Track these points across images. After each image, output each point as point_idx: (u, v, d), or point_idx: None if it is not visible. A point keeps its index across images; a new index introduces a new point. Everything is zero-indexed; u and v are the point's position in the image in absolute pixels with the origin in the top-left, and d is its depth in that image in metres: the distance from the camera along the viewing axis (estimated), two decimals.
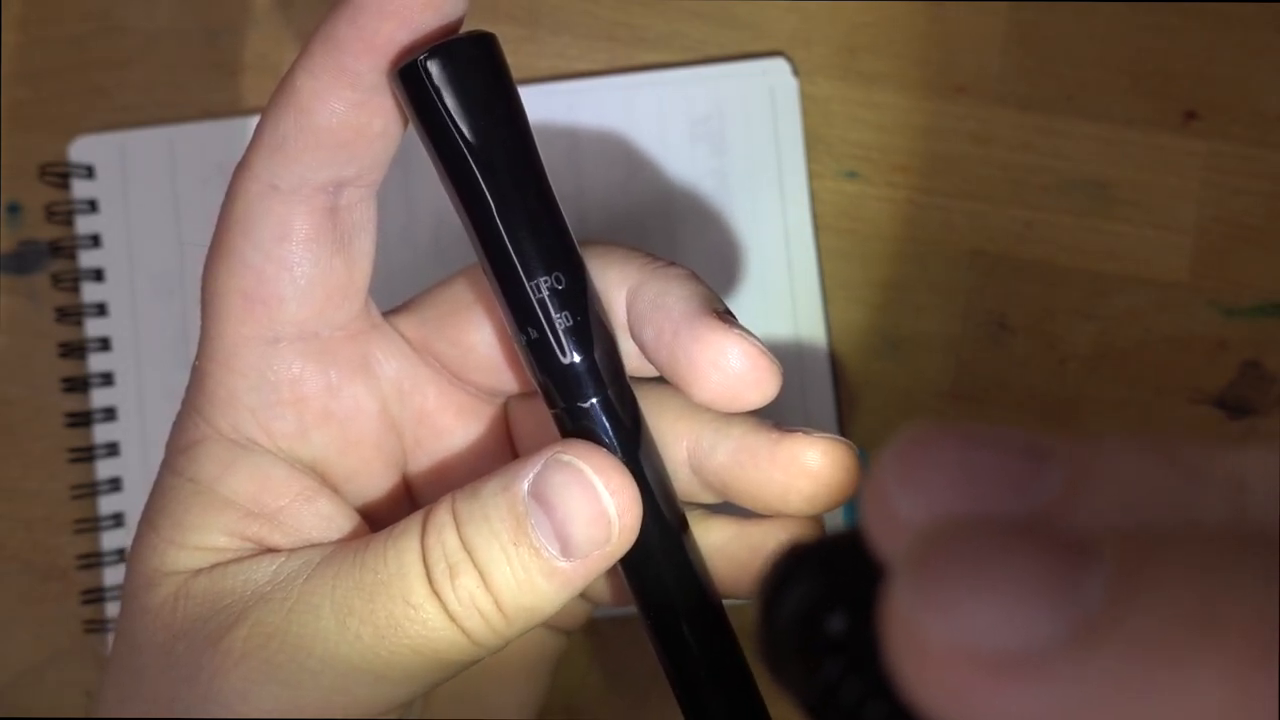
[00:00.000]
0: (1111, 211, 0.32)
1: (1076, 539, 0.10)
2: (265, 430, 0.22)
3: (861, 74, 0.33)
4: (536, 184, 0.21)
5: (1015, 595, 0.10)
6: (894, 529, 0.12)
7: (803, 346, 0.32)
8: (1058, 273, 0.32)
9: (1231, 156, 0.32)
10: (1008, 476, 0.11)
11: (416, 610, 0.20)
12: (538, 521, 0.20)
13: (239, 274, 0.21)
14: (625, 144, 0.33)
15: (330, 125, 0.20)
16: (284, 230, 0.21)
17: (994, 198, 0.32)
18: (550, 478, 0.20)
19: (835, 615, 0.13)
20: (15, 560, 0.33)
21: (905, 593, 0.10)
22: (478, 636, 0.20)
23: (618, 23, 0.33)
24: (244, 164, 0.21)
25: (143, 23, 0.34)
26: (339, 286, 0.22)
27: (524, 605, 0.20)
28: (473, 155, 0.20)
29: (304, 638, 0.20)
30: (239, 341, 0.21)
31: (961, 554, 0.10)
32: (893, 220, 0.33)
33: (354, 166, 0.21)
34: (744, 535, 0.23)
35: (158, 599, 0.21)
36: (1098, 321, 0.32)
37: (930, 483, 0.11)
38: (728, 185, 0.32)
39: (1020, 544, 0.10)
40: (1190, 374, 0.32)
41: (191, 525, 0.21)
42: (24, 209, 0.33)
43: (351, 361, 0.23)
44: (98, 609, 0.32)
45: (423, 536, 0.20)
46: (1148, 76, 0.32)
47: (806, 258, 0.32)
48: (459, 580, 0.20)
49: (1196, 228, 0.32)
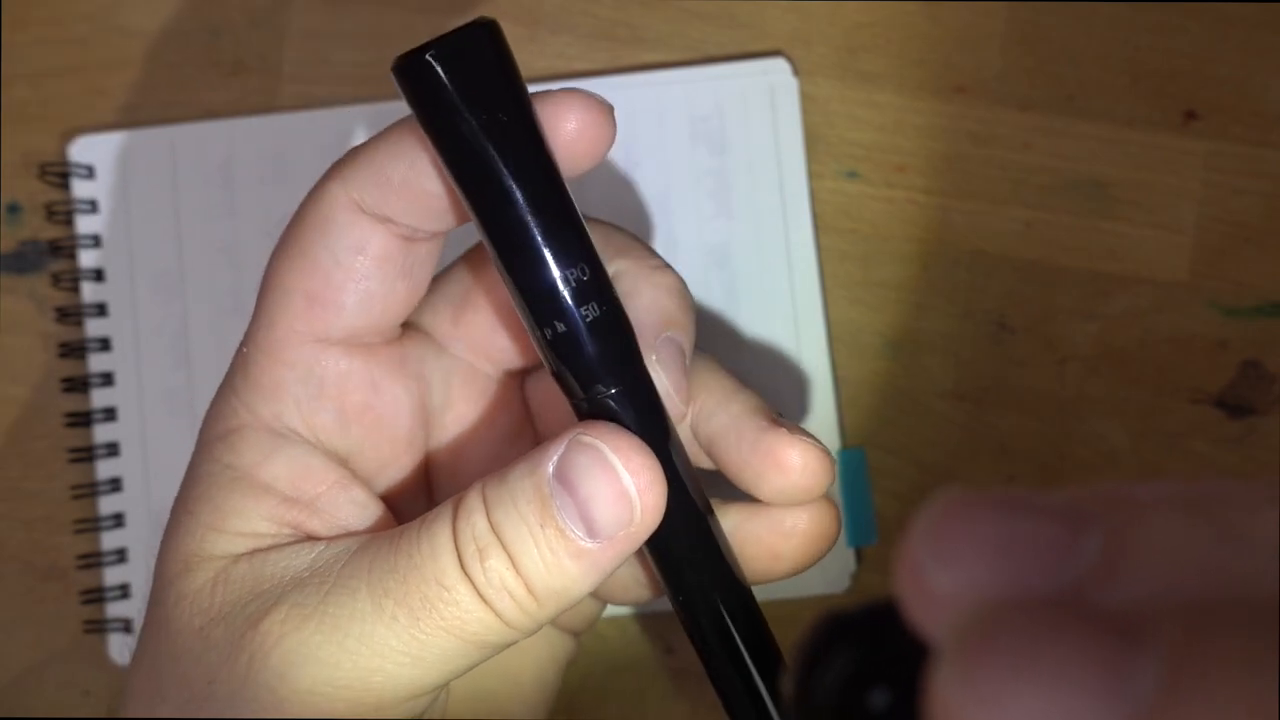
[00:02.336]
0: (1111, 211, 0.32)
1: (1124, 622, 0.10)
2: (307, 422, 0.23)
3: (861, 74, 0.33)
4: (548, 175, 0.20)
5: (1065, 687, 0.10)
6: (930, 603, 0.11)
7: (803, 346, 0.32)
8: (1058, 273, 0.32)
9: (1231, 156, 0.32)
10: (1045, 547, 0.11)
11: (449, 592, 0.20)
12: (562, 504, 0.20)
13: (308, 274, 0.22)
14: (625, 144, 0.33)
15: (433, 192, 0.21)
16: (361, 245, 0.21)
17: (994, 198, 0.32)
18: (573, 460, 0.20)
19: (877, 690, 0.12)
20: (15, 560, 0.33)
21: (950, 680, 0.10)
22: (509, 618, 0.21)
23: (618, 23, 0.33)
24: (339, 178, 0.21)
25: (143, 23, 0.34)
26: (396, 305, 0.23)
27: (553, 587, 0.21)
28: (482, 151, 0.20)
29: (341, 619, 0.20)
30: (291, 336, 0.22)
31: (1008, 642, 0.10)
32: (893, 220, 0.33)
33: (433, 225, 0.22)
34: (753, 520, 0.23)
35: (195, 584, 0.21)
36: (1098, 321, 0.32)
37: (965, 556, 0.11)
38: (728, 185, 0.32)
39: (1068, 630, 0.10)
40: (1190, 374, 0.32)
41: (232, 510, 0.22)
42: (24, 209, 0.33)
43: (391, 361, 0.23)
44: (97, 609, 0.32)
45: (454, 521, 0.21)
46: (1148, 76, 0.32)
47: (806, 258, 0.32)
48: (488, 563, 0.20)
49: (1196, 228, 0.32)
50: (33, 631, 0.32)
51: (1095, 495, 0.12)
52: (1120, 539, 0.11)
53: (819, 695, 0.13)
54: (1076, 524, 0.11)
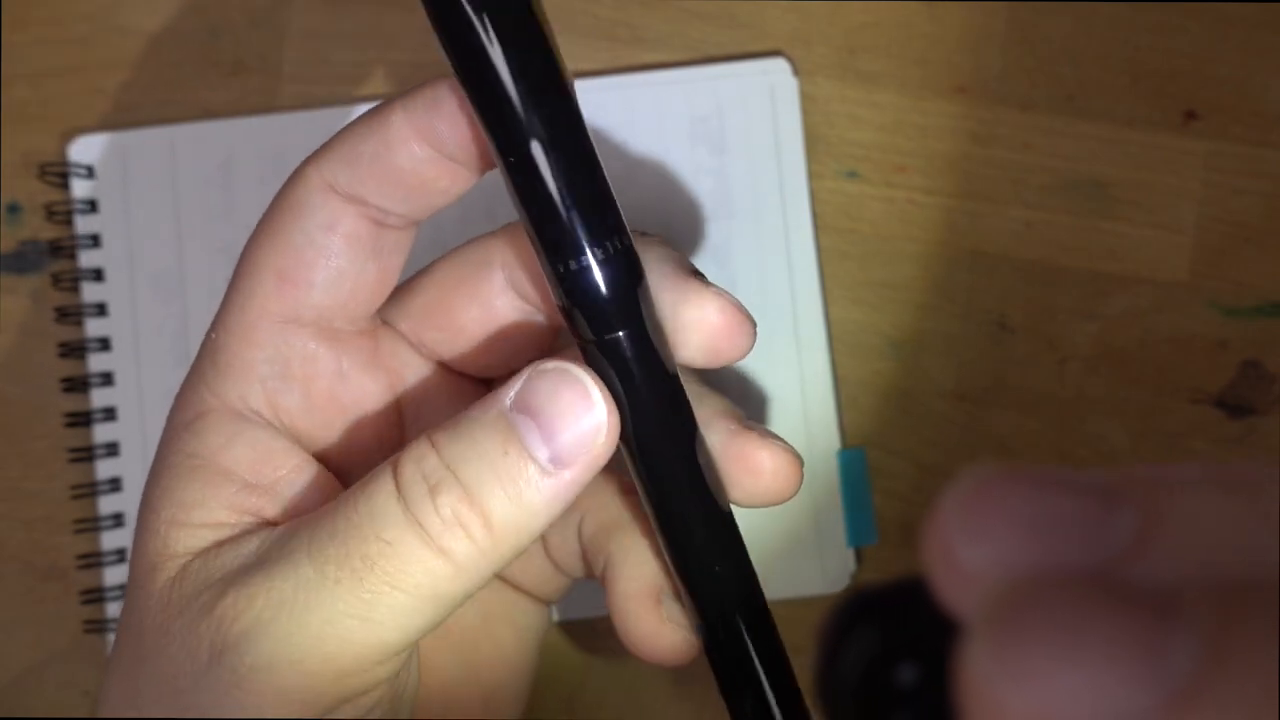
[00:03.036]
0: (1111, 211, 0.32)
1: (1162, 598, 0.10)
2: (271, 403, 0.23)
3: (861, 74, 0.33)
4: (575, 116, 0.20)
5: (1102, 663, 0.09)
6: (960, 579, 0.11)
7: (802, 346, 0.32)
8: (1058, 273, 0.32)
9: (1231, 156, 0.32)
10: (1078, 524, 0.11)
11: (391, 545, 0.20)
12: (526, 429, 0.20)
13: (280, 252, 0.22)
14: (625, 144, 0.33)
15: (404, 168, 0.21)
16: (332, 222, 0.22)
17: (994, 198, 0.32)
18: (534, 386, 0.20)
19: (904, 666, 0.12)
20: (15, 560, 0.33)
21: (982, 657, 0.10)
22: (460, 559, 0.20)
23: (618, 23, 0.33)
24: (315, 161, 0.22)
25: (143, 23, 0.34)
26: (365, 287, 0.23)
27: (512, 519, 0.20)
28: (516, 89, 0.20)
29: (286, 592, 0.20)
30: (261, 316, 0.22)
31: (1042, 617, 0.10)
32: (893, 220, 0.33)
33: (408, 206, 0.22)
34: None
35: (159, 583, 0.21)
36: (1098, 321, 0.32)
37: (996, 532, 0.11)
38: (728, 185, 0.32)
39: (1104, 607, 0.10)
40: (1190, 374, 0.32)
41: (193, 502, 0.22)
42: (24, 209, 0.33)
43: (362, 352, 0.23)
44: (98, 609, 0.32)
45: (396, 473, 0.20)
46: (1148, 76, 0.32)
47: (806, 258, 0.32)
48: (440, 498, 0.20)
49: (1196, 228, 0.32)
50: (33, 631, 0.32)
51: (1127, 474, 0.11)
52: (1154, 516, 0.11)
53: (844, 672, 0.13)
54: (1110, 500, 0.11)
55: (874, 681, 0.12)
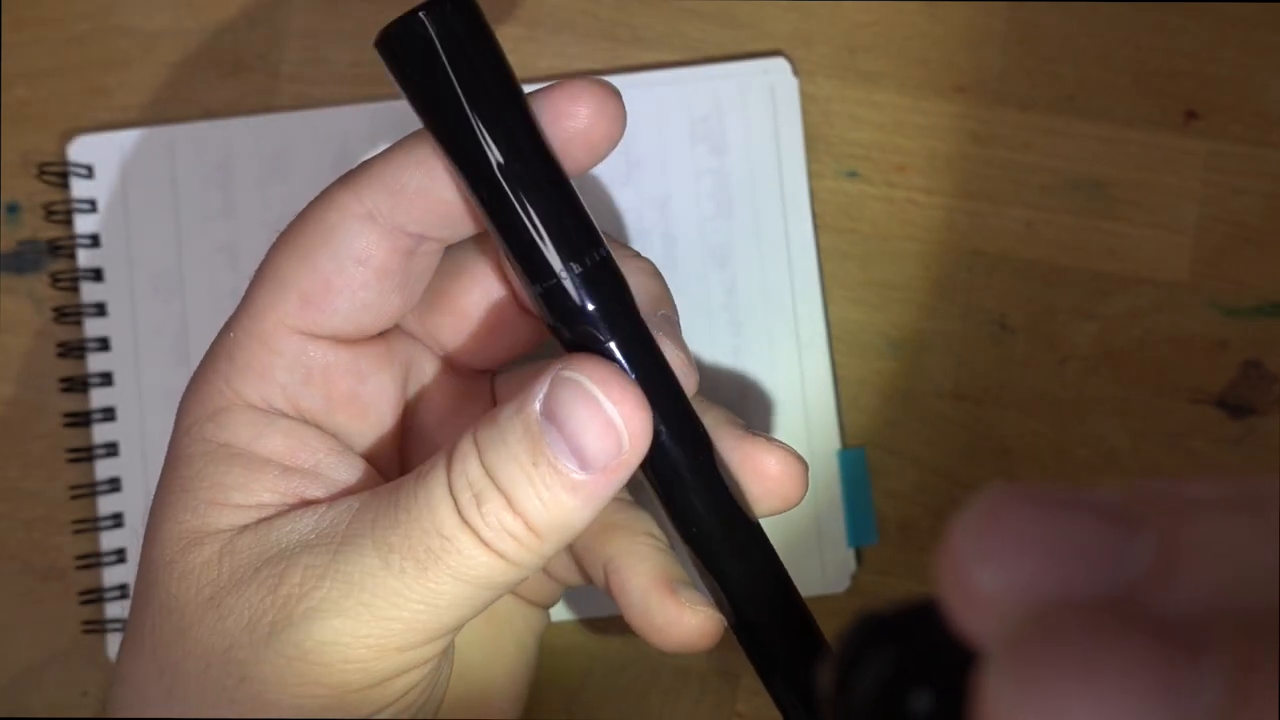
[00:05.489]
0: (1111, 211, 0.32)
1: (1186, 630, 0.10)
2: (294, 406, 0.23)
3: (861, 74, 0.33)
4: (532, 130, 0.21)
5: (1126, 697, 0.09)
6: (974, 602, 0.11)
7: (802, 346, 0.32)
8: (1058, 273, 0.32)
9: (1232, 156, 0.32)
10: (1096, 547, 0.11)
11: (451, 541, 0.21)
12: (552, 440, 0.21)
13: (306, 276, 0.22)
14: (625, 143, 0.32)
15: (445, 199, 0.21)
16: (365, 256, 0.22)
17: (994, 198, 0.32)
18: (558, 395, 0.21)
19: (919, 692, 0.12)
20: (15, 560, 0.33)
21: (1002, 686, 0.10)
22: (513, 558, 0.21)
23: (618, 23, 0.33)
24: (353, 188, 0.22)
25: (143, 23, 0.34)
26: (386, 316, 0.23)
27: (553, 522, 0.21)
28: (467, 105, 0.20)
29: (353, 575, 0.21)
30: (280, 327, 0.22)
31: (1065, 647, 0.09)
32: (893, 220, 0.33)
33: (445, 233, 0.22)
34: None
35: (201, 558, 0.22)
36: (1098, 321, 0.32)
37: (1012, 556, 0.11)
38: (728, 185, 0.32)
39: (1129, 637, 0.09)
40: (1190, 374, 0.32)
41: (234, 485, 0.22)
42: (23, 208, 0.33)
43: (378, 351, 0.24)
44: (97, 609, 0.32)
45: (448, 470, 0.21)
46: (1148, 76, 0.32)
47: (806, 258, 0.32)
48: (485, 507, 0.21)
49: (1196, 228, 0.32)
50: (32, 631, 0.32)
51: (1144, 493, 0.11)
52: (1175, 540, 0.11)
53: (857, 696, 0.12)
54: (1129, 523, 0.11)
55: (888, 706, 0.12)
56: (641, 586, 0.24)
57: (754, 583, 0.23)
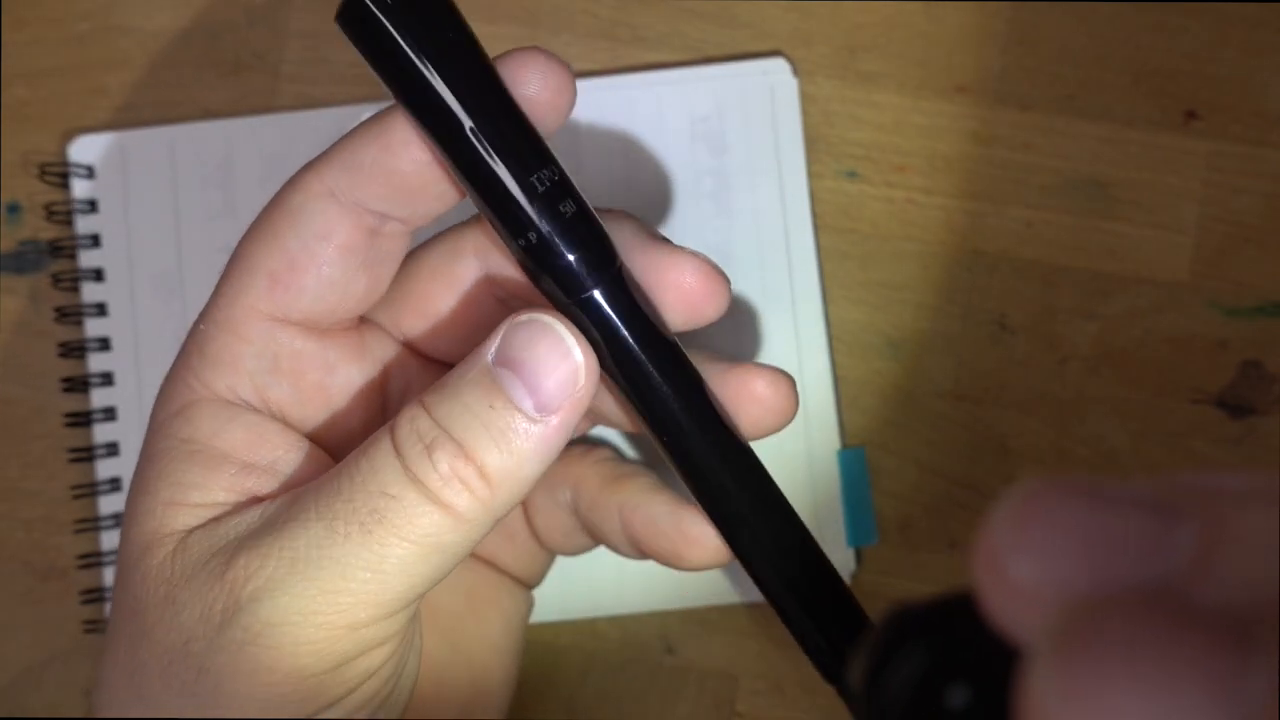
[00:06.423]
0: (1111, 211, 0.32)
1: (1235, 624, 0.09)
2: (261, 396, 0.23)
3: (861, 74, 0.33)
4: (496, 87, 0.21)
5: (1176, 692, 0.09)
6: (1012, 595, 0.11)
7: (802, 346, 0.32)
8: (1058, 273, 0.32)
9: (1232, 156, 0.32)
10: (1135, 540, 0.10)
11: (396, 499, 0.21)
12: (508, 382, 0.21)
13: (275, 255, 0.22)
14: (625, 144, 0.33)
15: (405, 171, 0.21)
16: (328, 231, 0.22)
17: (994, 198, 0.32)
18: (512, 339, 0.21)
19: (956, 687, 0.12)
20: (15, 560, 0.33)
21: (1048, 681, 0.10)
22: (463, 510, 0.21)
23: (618, 22, 0.33)
24: (315, 168, 0.22)
25: (143, 23, 0.34)
26: (354, 295, 0.23)
27: (507, 468, 0.21)
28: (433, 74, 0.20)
29: (298, 549, 0.21)
30: (250, 313, 0.22)
31: (1112, 641, 0.09)
32: (893, 220, 0.33)
33: (407, 210, 0.22)
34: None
35: (156, 560, 0.22)
36: (1098, 321, 0.32)
37: (1050, 548, 0.11)
38: (728, 185, 0.32)
39: (1176, 630, 0.09)
40: (1190, 374, 0.32)
41: (191, 484, 0.22)
42: (24, 209, 0.33)
43: (349, 344, 0.24)
44: (97, 609, 0.32)
45: (393, 433, 0.21)
46: (1148, 76, 0.32)
47: (806, 258, 0.32)
48: (437, 454, 0.21)
49: (1196, 228, 0.32)
50: (33, 631, 0.32)
51: (1182, 485, 0.11)
52: (1215, 532, 0.10)
53: (892, 691, 0.12)
54: (1168, 515, 0.11)
55: (923, 702, 0.12)
56: (667, 508, 0.25)
57: (761, 512, 0.24)
